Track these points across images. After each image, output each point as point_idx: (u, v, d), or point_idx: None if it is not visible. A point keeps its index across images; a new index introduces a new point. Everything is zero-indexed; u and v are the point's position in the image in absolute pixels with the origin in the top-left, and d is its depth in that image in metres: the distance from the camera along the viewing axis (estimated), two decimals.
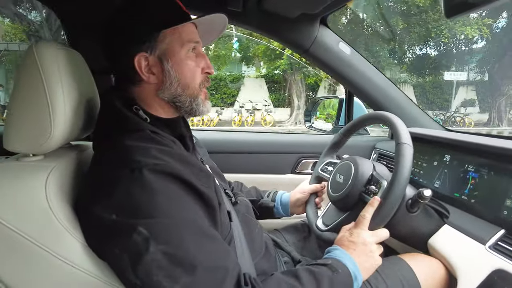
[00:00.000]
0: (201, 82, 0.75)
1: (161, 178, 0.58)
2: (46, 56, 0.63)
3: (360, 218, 0.78)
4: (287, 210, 1.09)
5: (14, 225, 0.55)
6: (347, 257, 0.72)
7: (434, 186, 1.02)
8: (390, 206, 0.76)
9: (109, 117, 0.70)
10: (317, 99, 2.04)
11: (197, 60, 0.74)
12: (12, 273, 0.57)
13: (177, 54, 0.71)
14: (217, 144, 1.49)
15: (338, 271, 0.67)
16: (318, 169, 1.10)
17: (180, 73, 0.72)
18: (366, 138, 1.60)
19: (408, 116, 1.34)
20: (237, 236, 0.76)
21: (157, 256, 0.52)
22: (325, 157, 1.11)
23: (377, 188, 0.83)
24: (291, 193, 1.11)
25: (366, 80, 1.33)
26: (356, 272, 0.70)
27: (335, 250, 0.75)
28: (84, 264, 0.58)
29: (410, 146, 0.78)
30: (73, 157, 0.73)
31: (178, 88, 0.72)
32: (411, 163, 0.76)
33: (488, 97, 14.74)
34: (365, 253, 0.74)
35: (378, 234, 0.78)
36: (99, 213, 0.56)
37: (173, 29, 0.70)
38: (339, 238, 0.79)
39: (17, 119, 0.62)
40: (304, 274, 0.65)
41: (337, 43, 1.28)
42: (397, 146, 0.79)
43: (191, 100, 0.74)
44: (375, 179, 0.86)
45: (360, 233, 0.76)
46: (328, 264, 0.69)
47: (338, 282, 0.66)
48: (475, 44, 14.97)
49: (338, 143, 1.11)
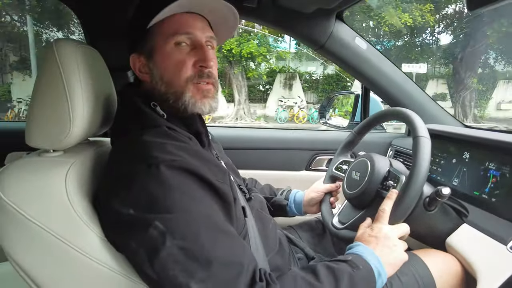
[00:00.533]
0: (190, 77, 0.70)
1: (178, 174, 0.58)
2: (65, 53, 0.64)
3: (379, 212, 0.76)
4: (300, 209, 1.08)
5: (36, 219, 0.57)
6: (369, 252, 0.69)
7: (453, 184, 1.00)
8: (410, 200, 0.74)
9: (127, 113, 0.71)
10: (332, 94, 2.00)
11: (190, 53, 0.71)
12: (35, 264, 0.59)
13: (161, 49, 0.70)
14: (232, 140, 1.50)
15: (359, 268, 0.65)
16: (332, 168, 1.09)
17: (163, 69, 0.70)
18: (382, 135, 1.57)
19: (425, 113, 1.31)
20: (251, 232, 0.76)
21: (173, 251, 0.53)
22: (339, 156, 1.10)
23: (395, 183, 0.82)
24: (305, 192, 1.10)
25: (382, 75, 1.31)
26: (379, 268, 0.67)
27: (356, 246, 0.72)
28: (103, 258, 0.59)
29: (428, 139, 0.76)
30: (91, 152, 0.75)
31: (162, 86, 0.71)
32: (430, 156, 0.75)
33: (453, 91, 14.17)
34: (388, 247, 0.71)
35: (399, 227, 0.76)
36: (117, 207, 0.57)
37: (159, 24, 0.69)
38: (360, 234, 0.76)
39: (38, 116, 0.64)
40: (322, 270, 0.63)
41: (353, 38, 1.26)
42: (414, 139, 0.77)
43: (176, 98, 0.71)
44: (392, 175, 0.85)
45: (381, 228, 0.74)
46: (348, 260, 0.66)
47: (359, 279, 0.63)
48: (435, 34, 14.53)
49: (352, 142, 1.09)
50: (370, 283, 0.65)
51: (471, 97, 13.44)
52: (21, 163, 0.64)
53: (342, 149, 1.11)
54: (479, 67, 14.00)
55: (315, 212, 1.08)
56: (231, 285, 0.54)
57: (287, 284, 0.60)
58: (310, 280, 0.61)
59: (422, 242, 0.95)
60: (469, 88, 13.30)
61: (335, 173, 1.07)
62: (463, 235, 0.84)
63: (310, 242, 1.06)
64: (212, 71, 0.73)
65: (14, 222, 0.57)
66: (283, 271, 0.79)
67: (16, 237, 0.58)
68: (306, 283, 0.61)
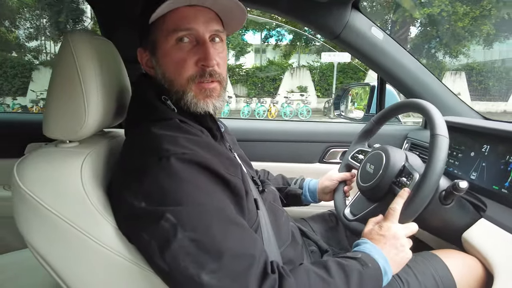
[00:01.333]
0: (192, 76, 0.68)
1: (189, 167, 0.58)
2: (80, 45, 0.65)
3: (389, 211, 0.75)
4: (315, 196, 1.08)
5: (53, 207, 0.59)
6: (377, 251, 0.69)
7: (470, 178, 0.97)
8: (421, 200, 0.73)
9: (139, 105, 0.72)
10: (347, 86, 1.97)
11: (192, 51, 0.68)
12: (52, 251, 0.60)
13: (162, 46, 0.69)
14: (245, 132, 1.49)
15: (368, 265, 0.65)
16: (348, 157, 1.08)
17: (164, 66, 0.69)
18: (398, 127, 1.54)
19: (444, 104, 1.27)
20: (264, 224, 0.76)
21: (184, 243, 0.53)
22: (356, 145, 1.09)
23: (408, 181, 0.80)
24: (319, 180, 1.09)
25: (399, 66, 1.28)
26: (386, 267, 0.67)
27: (364, 244, 0.72)
28: (118, 247, 0.60)
29: (447, 138, 0.74)
30: (106, 143, 0.76)
31: (165, 83, 0.70)
32: (446, 156, 0.73)
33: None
34: (395, 247, 0.71)
35: (408, 227, 0.75)
36: (129, 200, 0.58)
37: (161, 19, 0.68)
38: (368, 231, 0.76)
39: (54, 107, 0.65)
40: (333, 266, 0.63)
41: (370, 28, 1.23)
42: (432, 137, 0.75)
43: (178, 97, 0.69)
44: (406, 171, 0.83)
45: (390, 227, 0.73)
46: (358, 257, 0.66)
47: (367, 276, 0.64)
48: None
49: (369, 131, 1.07)
50: (378, 281, 0.66)
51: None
52: (38, 153, 0.65)
53: (359, 138, 1.09)
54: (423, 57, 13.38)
55: (329, 199, 1.08)
56: (242, 276, 0.54)
57: (301, 277, 0.60)
58: (323, 275, 0.61)
59: (437, 236, 0.94)
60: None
61: (351, 162, 1.06)
62: (480, 230, 0.82)
63: (323, 235, 1.05)
64: (215, 69, 0.69)
65: (32, 210, 0.59)
66: (295, 264, 0.79)
67: (34, 225, 0.60)
68: (319, 277, 0.61)
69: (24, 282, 1.02)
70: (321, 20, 1.21)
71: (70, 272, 0.61)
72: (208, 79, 0.69)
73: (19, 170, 0.61)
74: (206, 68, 0.68)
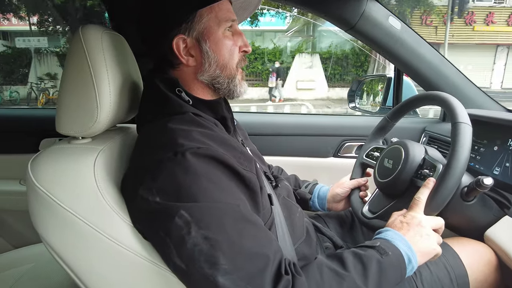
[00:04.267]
0: (239, 62, 0.74)
1: (204, 161, 0.58)
2: (91, 39, 0.64)
3: (414, 201, 0.72)
4: (323, 204, 1.05)
5: (67, 205, 0.59)
6: (399, 238, 0.66)
7: (493, 174, 0.93)
8: (447, 190, 0.69)
9: (152, 99, 0.71)
10: (363, 77, 1.91)
11: (234, 39, 0.73)
12: (65, 247, 0.61)
13: (215, 34, 0.70)
14: (257, 126, 1.48)
15: (388, 254, 0.62)
16: (363, 155, 1.04)
17: (218, 53, 0.70)
18: (415, 120, 1.50)
19: (465, 96, 1.22)
20: (278, 220, 0.74)
21: (198, 241, 0.53)
22: (370, 142, 1.05)
23: (431, 172, 0.77)
24: (330, 187, 1.06)
25: (417, 57, 1.23)
26: (410, 254, 0.64)
27: (386, 231, 0.69)
28: (132, 245, 0.60)
29: (469, 125, 0.71)
30: (119, 139, 0.76)
31: (217, 69, 0.71)
32: (471, 143, 0.69)
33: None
34: (419, 234, 0.67)
35: (434, 219, 0.71)
36: (143, 195, 0.57)
37: (209, 8, 0.68)
38: (391, 221, 0.73)
39: (67, 103, 0.65)
40: (349, 258, 0.61)
41: (387, 18, 1.18)
42: (454, 126, 0.72)
43: (229, 81, 0.73)
44: (428, 163, 0.79)
45: (414, 216, 0.70)
46: (377, 246, 0.64)
47: (388, 265, 0.61)
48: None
49: (384, 127, 1.04)
50: (401, 270, 0.63)
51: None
52: (51, 150, 0.65)
53: (373, 135, 1.06)
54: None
55: (341, 209, 1.04)
56: (258, 278, 0.53)
57: (312, 274, 0.58)
58: (337, 269, 0.59)
59: (458, 234, 0.90)
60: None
61: (366, 160, 1.03)
62: (505, 228, 0.79)
63: (339, 231, 1.03)
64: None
65: (46, 208, 0.59)
66: (310, 260, 0.77)
67: (48, 222, 0.60)
68: (333, 272, 0.59)
69: (42, 275, 1.04)
70: (336, 11, 1.18)
71: (84, 269, 0.61)
72: (243, 65, 0.76)
73: (33, 168, 0.61)
74: (244, 55, 0.76)
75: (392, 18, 1.19)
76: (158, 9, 0.69)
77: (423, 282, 0.75)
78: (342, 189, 1.01)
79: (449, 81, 1.24)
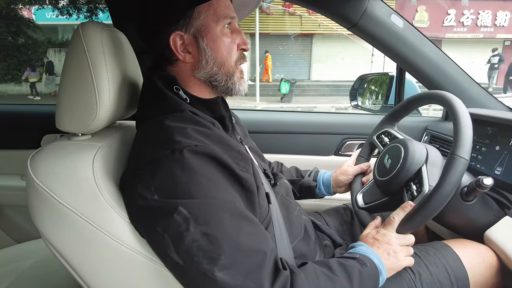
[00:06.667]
0: (237, 60, 0.73)
1: (201, 159, 0.58)
2: (91, 36, 0.64)
3: (389, 219, 0.76)
4: (329, 189, 1.07)
5: (66, 202, 0.59)
6: (372, 253, 0.72)
7: (494, 173, 0.93)
8: (423, 217, 0.71)
9: (150, 97, 0.71)
10: (365, 76, 1.89)
11: (232, 37, 0.72)
12: (65, 244, 0.61)
13: (213, 31, 0.69)
14: (258, 124, 1.47)
15: (366, 265, 0.68)
16: (373, 136, 1.05)
17: (215, 50, 0.70)
18: (417, 118, 1.49)
19: (467, 95, 1.21)
20: (276, 218, 0.75)
21: (197, 237, 0.53)
22: (384, 124, 1.05)
23: (417, 193, 0.76)
24: (332, 174, 1.08)
25: (420, 55, 1.22)
26: (380, 267, 0.70)
27: (360, 246, 0.74)
28: (130, 241, 0.60)
29: (466, 160, 0.69)
30: (118, 136, 0.76)
31: (214, 66, 0.71)
32: (460, 177, 0.68)
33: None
34: (387, 252, 0.73)
35: (405, 237, 0.75)
36: (141, 192, 0.57)
37: (208, 5, 0.68)
38: (365, 234, 0.79)
39: (66, 100, 0.65)
40: (335, 265, 0.65)
41: (389, 16, 1.18)
42: (451, 156, 0.70)
43: (227, 78, 0.72)
44: (420, 178, 0.78)
45: (385, 234, 0.75)
46: (357, 257, 0.69)
47: (367, 275, 0.66)
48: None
49: (399, 112, 1.03)
50: (376, 280, 0.68)
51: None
52: (51, 147, 0.66)
53: (387, 118, 1.05)
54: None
55: (343, 192, 1.07)
56: (255, 273, 0.53)
57: (309, 274, 0.60)
58: (328, 274, 0.63)
59: (457, 234, 0.90)
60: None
61: (375, 141, 1.03)
62: (505, 229, 0.79)
63: (338, 228, 1.04)
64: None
65: (45, 204, 0.60)
66: (308, 258, 0.78)
67: (48, 218, 0.60)
68: (325, 275, 0.62)
69: (43, 270, 1.04)
70: (338, 8, 1.17)
71: (82, 264, 0.61)
72: (243, 63, 0.76)
73: (32, 164, 0.62)
74: (243, 53, 0.75)
75: (394, 16, 1.18)
76: (157, 6, 0.69)
77: (422, 283, 0.76)
78: (346, 177, 1.04)
79: (452, 79, 1.23)
